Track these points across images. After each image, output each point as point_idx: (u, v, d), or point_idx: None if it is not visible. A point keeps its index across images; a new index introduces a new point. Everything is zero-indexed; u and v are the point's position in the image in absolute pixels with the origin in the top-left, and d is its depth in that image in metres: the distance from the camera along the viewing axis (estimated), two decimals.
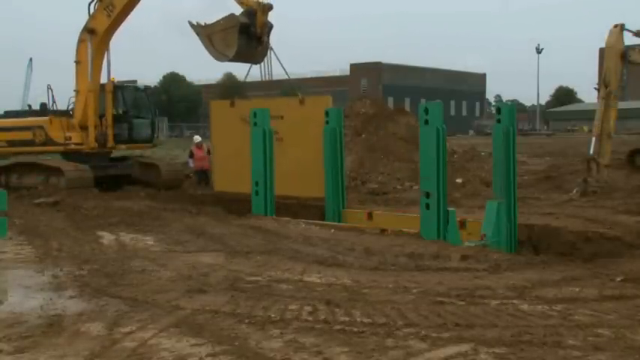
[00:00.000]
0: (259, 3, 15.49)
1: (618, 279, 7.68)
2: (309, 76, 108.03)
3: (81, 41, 18.37)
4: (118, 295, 7.17)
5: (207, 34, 16.03)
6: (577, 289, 7.10)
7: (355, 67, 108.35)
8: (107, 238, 11.22)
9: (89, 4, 18.27)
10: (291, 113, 15.32)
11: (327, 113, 13.81)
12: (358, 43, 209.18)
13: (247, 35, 15.57)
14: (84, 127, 18.79)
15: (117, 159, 20.38)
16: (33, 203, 16.00)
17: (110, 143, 19.26)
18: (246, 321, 6.05)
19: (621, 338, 5.39)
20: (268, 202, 13.31)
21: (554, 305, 6.41)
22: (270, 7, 15.64)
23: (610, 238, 11.20)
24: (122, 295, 7.14)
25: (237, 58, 15.88)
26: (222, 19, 15.93)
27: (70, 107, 19.44)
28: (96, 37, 18.15)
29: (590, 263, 9.59)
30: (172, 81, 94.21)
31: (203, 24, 16.25)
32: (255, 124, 13.50)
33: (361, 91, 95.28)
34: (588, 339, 5.37)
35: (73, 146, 18.94)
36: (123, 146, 19.87)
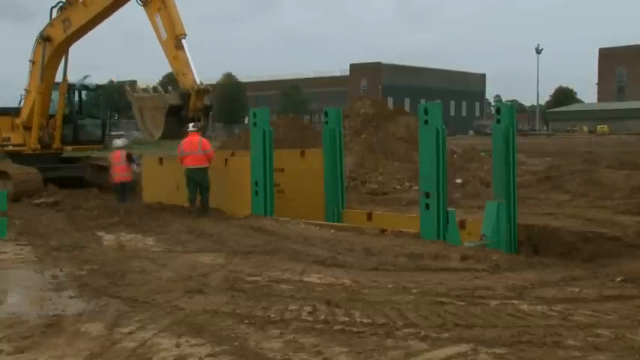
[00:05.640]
0: (194, 87, 14.07)
1: (618, 279, 7.68)
2: (309, 76, 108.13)
3: (37, 43, 17.63)
4: (118, 295, 7.17)
5: (139, 106, 15.09)
6: (577, 289, 7.10)
7: (355, 67, 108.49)
8: (107, 238, 11.24)
9: (51, 8, 17.30)
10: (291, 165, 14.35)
11: (326, 113, 13.81)
12: (358, 43, 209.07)
13: (179, 117, 14.24)
14: (28, 128, 18.15)
15: (68, 160, 19.50)
16: (33, 203, 16.04)
17: (57, 144, 18.64)
18: (246, 321, 6.05)
19: (621, 338, 5.38)
20: (268, 202, 13.28)
21: (554, 305, 6.40)
22: (206, 91, 14.35)
23: (610, 238, 11.20)
24: (122, 295, 7.14)
25: (167, 138, 15.08)
26: (154, 96, 15.01)
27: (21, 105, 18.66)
28: (51, 46, 17.35)
29: (590, 263, 9.61)
30: (172, 81, 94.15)
31: (139, 91, 15.39)
32: (255, 124, 13.49)
33: (361, 91, 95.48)
34: (588, 339, 5.37)
35: (10, 147, 18.34)
36: (69, 147, 19.11)
